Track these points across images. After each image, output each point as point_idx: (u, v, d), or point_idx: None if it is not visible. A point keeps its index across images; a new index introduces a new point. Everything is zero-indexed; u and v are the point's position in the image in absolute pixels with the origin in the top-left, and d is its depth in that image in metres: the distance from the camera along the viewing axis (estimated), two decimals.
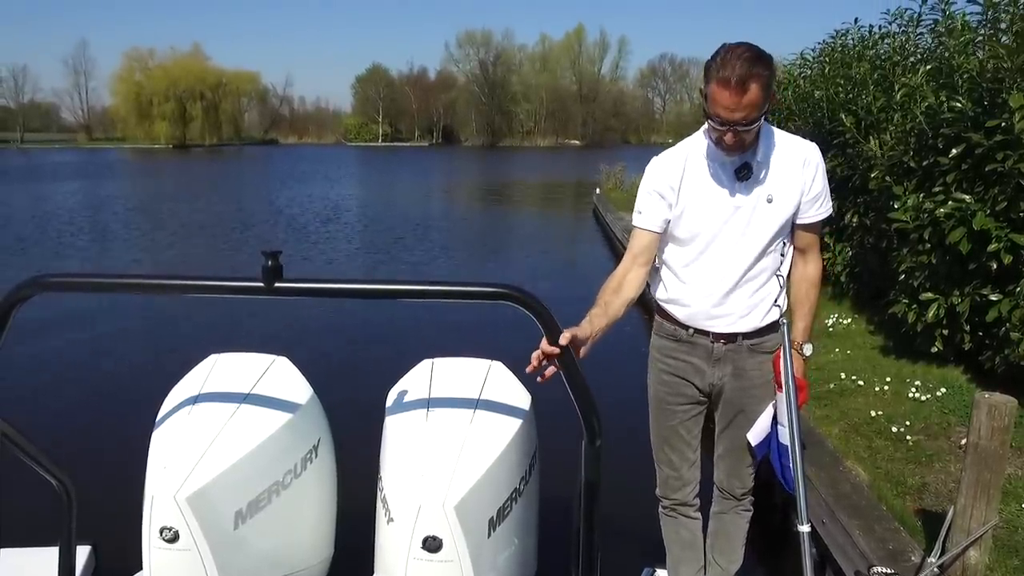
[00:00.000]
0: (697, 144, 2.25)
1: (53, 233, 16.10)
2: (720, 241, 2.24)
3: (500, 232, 18.10)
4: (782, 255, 2.29)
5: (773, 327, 2.34)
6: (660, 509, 2.62)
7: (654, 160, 2.31)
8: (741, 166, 2.16)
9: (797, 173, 2.20)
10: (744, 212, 2.20)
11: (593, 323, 2.04)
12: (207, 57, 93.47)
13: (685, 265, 2.31)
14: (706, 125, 2.15)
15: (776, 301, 2.31)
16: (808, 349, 2.36)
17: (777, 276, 2.30)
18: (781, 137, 2.23)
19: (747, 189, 2.19)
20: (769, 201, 2.19)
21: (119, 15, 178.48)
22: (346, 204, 23.34)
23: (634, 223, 2.31)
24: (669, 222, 2.27)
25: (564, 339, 1.65)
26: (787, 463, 2.22)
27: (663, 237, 2.31)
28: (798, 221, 2.26)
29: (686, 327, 2.35)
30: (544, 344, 1.67)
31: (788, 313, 2.39)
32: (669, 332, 2.40)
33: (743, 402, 2.37)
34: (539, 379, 1.79)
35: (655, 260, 2.36)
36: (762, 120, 2.08)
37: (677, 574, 2.63)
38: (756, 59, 1.96)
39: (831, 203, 2.30)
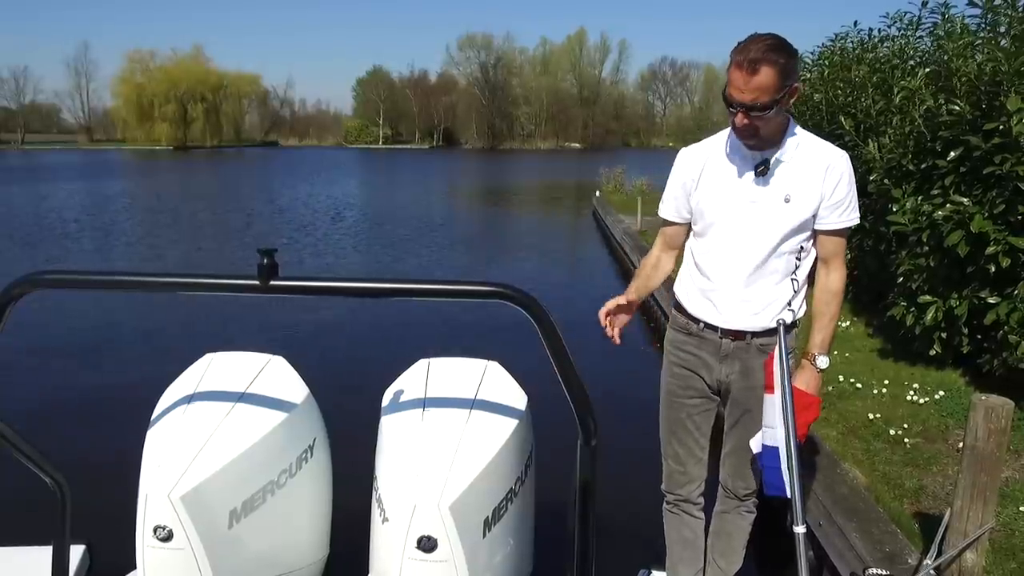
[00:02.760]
0: (723, 138, 2.29)
1: (58, 232, 16.13)
2: (734, 234, 2.26)
3: (501, 235, 18.11)
4: (798, 259, 2.28)
5: (786, 330, 2.32)
6: (664, 505, 2.62)
7: (682, 151, 2.40)
8: (760, 162, 2.19)
9: (818, 177, 2.19)
10: (760, 208, 2.22)
11: (638, 291, 2.48)
12: (208, 59, 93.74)
13: (700, 256, 2.36)
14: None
15: (790, 305, 2.30)
16: (823, 362, 2.29)
17: (792, 280, 2.29)
18: (809, 140, 2.24)
19: (765, 185, 2.20)
20: (786, 201, 2.20)
21: (120, 17, 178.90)
22: (351, 205, 23.39)
23: (659, 212, 2.48)
24: (691, 214, 2.36)
25: (628, 299, 2.36)
26: (771, 465, 2.19)
27: (692, 226, 2.40)
28: (819, 227, 2.25)
29: (697, 321, 2.38)
30: (611, 304, 2.32)
31: (806, 323, 2.38)
32: (681, 325, 2.44)
33: (750, 402, 2.37)
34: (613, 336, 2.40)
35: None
36: (780, 113, 2.10)
37: (676, 574, 2.63)
38: (774, 46, 2.01)
39: (858, 213, 2.28)
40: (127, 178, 38.29)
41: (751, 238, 2.24)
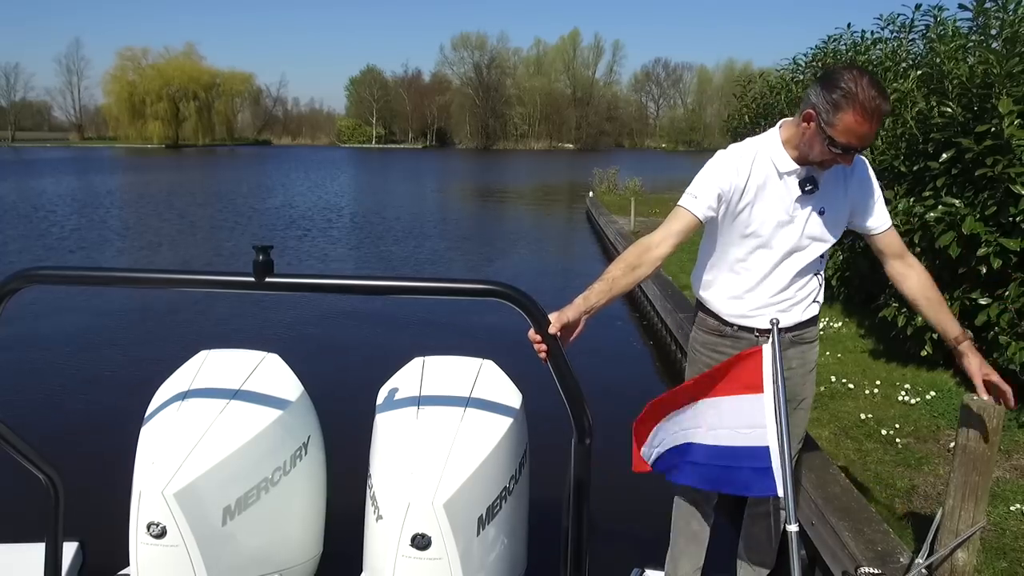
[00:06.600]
0: (766, 147, 2.24)
1: (53, 226, 16.06)
2: (773, 245, 2.28)
3: (495, 234, 18.10)
4: (823, 257, 2.37)
5: (812, 321, 2.42)
6: (676, 496, 2.63)
7: (724, 153, 2.26)
8: (807, 178, 2.20)
9: (842, 184, 2.26)
10: (799, 222, 2.25)
11: (589, 299, 1.94)
12: (201, 57, 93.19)
13: (736, 262, 2.35)
14: (777, 131, 2.23)
15: (816, 297, 2.40)
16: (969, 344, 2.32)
17: (818, 275, 2.40)
18: None
19: (806, 200, 2.23)
20: (821, 213, 2.25)
21: (113, 14, 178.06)
22: (347, 203, 23.41)
23: (683, 203, 2.22)
24: (715, 216, 2.24)
25: (554, 328, 1.63)
26: (761, 465, 2.19)
27: (718, 232, 2.32)
28: (872, 232, 2.33)
29: (730, 323, 2.40)
30: (531, 334, 1.64)
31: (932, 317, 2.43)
32: (713, 328, 2.44)
33: (791, 391, 2.37)
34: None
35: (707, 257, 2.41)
36: None
37: (676, 566, 2.63)
38: (884, 92, 2.04)
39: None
40: (120, 175, 38.10)
41: (791, 251, 2.28)
